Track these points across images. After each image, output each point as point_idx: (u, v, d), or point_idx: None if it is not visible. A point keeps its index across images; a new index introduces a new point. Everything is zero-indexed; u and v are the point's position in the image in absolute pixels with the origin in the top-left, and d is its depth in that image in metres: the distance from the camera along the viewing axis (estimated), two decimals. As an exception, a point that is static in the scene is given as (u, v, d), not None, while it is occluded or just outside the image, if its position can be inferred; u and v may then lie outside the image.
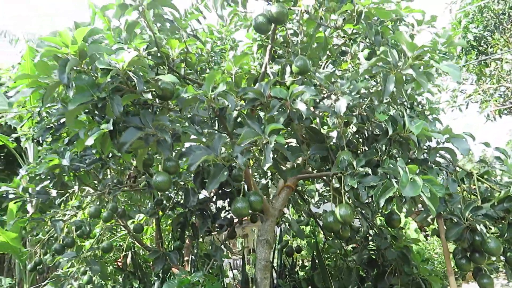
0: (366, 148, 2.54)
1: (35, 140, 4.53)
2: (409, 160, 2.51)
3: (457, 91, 11.40)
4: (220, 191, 3.41)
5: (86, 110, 2.31)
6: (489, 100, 9.79)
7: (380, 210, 3.13)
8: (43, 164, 3.22)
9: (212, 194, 3.74)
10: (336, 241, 4.24)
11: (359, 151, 2.60)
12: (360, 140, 2.60)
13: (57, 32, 1.93)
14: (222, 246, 3.46)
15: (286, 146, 2.55)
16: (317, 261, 4.22)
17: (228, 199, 3.43)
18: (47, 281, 6.01)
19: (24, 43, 6.71)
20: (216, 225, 3.43)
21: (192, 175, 3.23)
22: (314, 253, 4.40)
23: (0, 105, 7.00)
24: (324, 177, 3.05)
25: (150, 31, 2.18)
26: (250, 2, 2.75)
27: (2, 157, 9.52)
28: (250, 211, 2.21)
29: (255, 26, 2.31)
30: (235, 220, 3.79)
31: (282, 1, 2.38)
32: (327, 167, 2.66)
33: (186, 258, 4.58)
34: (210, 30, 4.95)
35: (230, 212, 3.81)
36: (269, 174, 4.47)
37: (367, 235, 3.80)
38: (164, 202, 3.73)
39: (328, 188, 4.75)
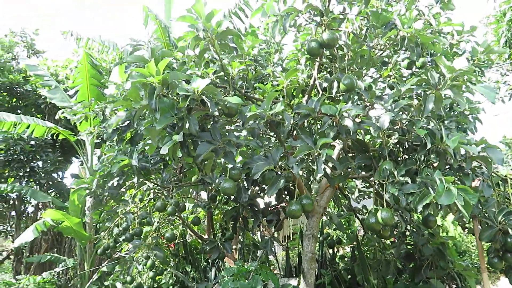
0: (406, 157, 2.82)
1: (100, 138, 5.09)
2: (447, 167, 2.76)
3: (500, 82, 11.18)
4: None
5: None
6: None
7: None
8: (115, 164, 3.68)
9: (259, 191, 4.13)
10: (375, 235, 4.53)
11: (399, 159, 2.88)
12: (401, 150, 2.87)
13: (146, 65, 2.32)
14: (271, 238, 3.83)
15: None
16: (356, 253, 4.53)
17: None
18: (107, 263, 6.68)
19: (84, 42, 7.29)
20: (266, 219, 3.80)
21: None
22: (354, 245, 4.71)
23: (61, 101, 7.65)
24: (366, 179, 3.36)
25: (217, 57, 2.54)
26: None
27: (58, 146, 10.28)
28: (302, 213, 2.56)
29: (308, 49, 2.63)
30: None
31: (332, 26, 2.67)
32: (370, 172, 2.95)
33: (234, 247, 5.03)
34: (255, 33, 5.27)
35: (276, 207, 4.19)
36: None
37: (405, 231, 4.06)
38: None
39: (367, 185, 5.03)
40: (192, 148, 2.79)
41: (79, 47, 7.60)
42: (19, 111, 9.41)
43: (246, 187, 3.79)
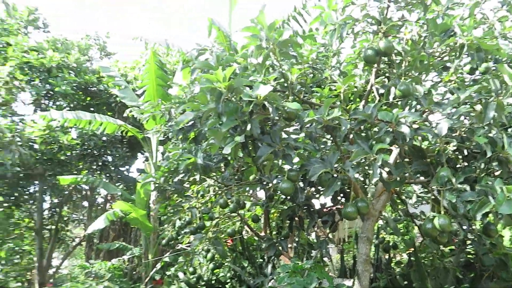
0: (465, 164, 2.79)
1: (165, 136, 5.47)
2: (510, 176, 2.70)
3: None
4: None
5: (220, 123, 2.93)
6: None
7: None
8: (182, 162, 3.96)
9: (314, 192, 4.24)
10: (432, 242, 4.45)
11: (458, 166, 2.86)
12: (460, 156, 2.85)
13: (213, 72, 2.53)
14: (326, 239, 3.93)
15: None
16: (413, 259, 4.48)
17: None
18: (169, 254, 7.10)
19: (150, 46, 7.81)
20: (321, 220, 3.91)
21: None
22: (411, 252, 4.66)
23: (131, 100, 8.21)
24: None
25: (278, 65, 2.70)
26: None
27: (126, 142, 10.98)
28: (357, 215, 2.65)
29: (364, 57, 2.70)
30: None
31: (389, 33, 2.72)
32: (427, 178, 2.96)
33: (289, 246, 5.17)
34: (313, 37, 5.34)
35: (331, 208, 4.28)
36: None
37: (465, 239, 3.97)
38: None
39: (426, 190, 4.94)
40: (252, 149, 2.98)
41: (146, 49, 8.16)
42: (92, 109, 10.24)
43: (303, 188, 3.93)
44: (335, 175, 2.56)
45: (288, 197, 4.40)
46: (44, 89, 8.55)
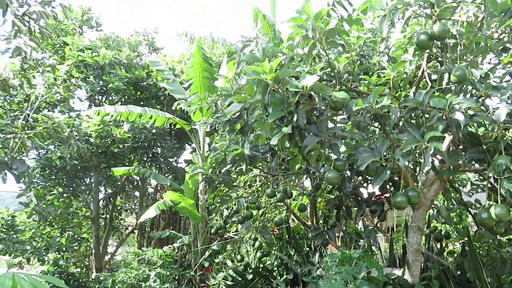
0: (526, 151, 2.65)
1: (212, 127, 5.54)
2: None
3: None
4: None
5: (268, 113, 2.95)
6: None
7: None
8: (230, 153, 4.05)
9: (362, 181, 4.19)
10: (488, 232, 4.26)
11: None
12: (519, 143, 2.71)
13: (260, 64, 2.56)
14: (375, 228, 3.89)
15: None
16: (467, 249, 4.32)
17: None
18: (217, 242, 7.29)
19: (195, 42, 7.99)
20: (370, 209, 3.86)
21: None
22: (465, 241, 4.50)
23: (178, 93, 8.44)
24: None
25: (325, 54, 2.68)
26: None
27: (173, 134, 11.30)
28: (407, 204, 2.60)
29: (417, 42, 2.62)
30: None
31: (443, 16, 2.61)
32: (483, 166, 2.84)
33: (337, 235, 5.15)
34: (360, 21, 5.22)
35: (379, 197, 4.22)
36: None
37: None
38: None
39: (481, 178, 4.73)
40: (299, 139, 2.99)
41: (192, 44, 8.34)
42: (141, 103, 10.63)
43: (350, 177, 3.90)
44: (384, 164, 2.53)
45: (335, 187, 4.38)
46: (98, 86, 8.99)
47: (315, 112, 2.90)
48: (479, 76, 2.71)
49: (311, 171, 4.23)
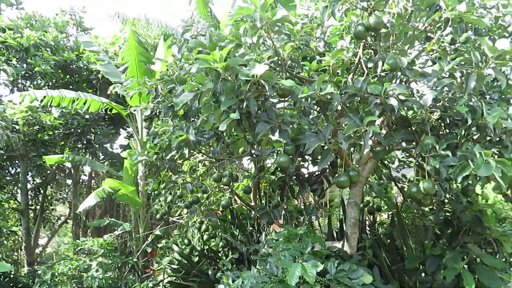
0: (447, 131, 3.01)
1: (152, 112, 5.51)
2: (487, 140, 2.94)
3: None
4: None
5: (214, 100, 3.03)
6: None
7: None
8: (175, 139, 4.05)
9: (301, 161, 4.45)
10: (414, 203, 4.75)
11: (440, 133, 3.07)
12: (442, 124, 3.06)
13: (211, 52, 2.61)
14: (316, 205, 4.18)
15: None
16: (396, 219, 4.79)
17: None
18: (159, 227, 7.26)
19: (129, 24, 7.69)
20: (311, 188, 4.13)
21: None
22: (393, 212, 4.97)
23: (114, 76, 8.11)
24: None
25: (271, 42, 2.80)
26: None
27: (108, 119, 10.82)
28: (349, 183, 2.85)
29: (354, 33, 2.83)
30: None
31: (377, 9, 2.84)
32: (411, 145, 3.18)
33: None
34: (295, 7, 5.37)
35: (319, 176, 4.51)
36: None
37: (444, 199, 4.26)
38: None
39: (407, 155, 5.21)
40: (246, 124, 3.10)
41: (125, 26, 8.02)
42: (71, 87, 10.05)
43: (293, 159, 4.12)
44: (326, 147, 2.74)
45: (278, 168, 4.59)
46: (22, 69, 8.32)
47: (260, 98, 3.02)
48: (406, 63, 3.01)
49: (256, 154, 4.39)
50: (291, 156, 3.46)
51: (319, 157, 2.91)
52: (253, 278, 2.77)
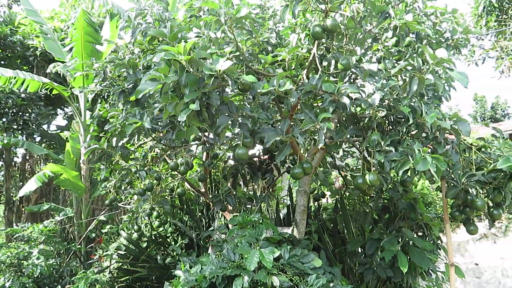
0: (390, 128, 3.31)
1: (101, 96, 5.34)
2: (424, 137, 3.27)
3: (476, 46, 11.72)
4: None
5: (172, 89, 3.07)
6: (504, 58, 10.22)
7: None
8: (129, 126, 4.01)
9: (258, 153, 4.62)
10: (355, 190, 5.12)
11: (385, 128, 3.37)
12: (386, 122, 3.36)
13: (176, 45, 2.63)
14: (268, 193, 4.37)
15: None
16: (339, 206, 5.14)
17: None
18: (104, 213, 7.12)
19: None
20: (265, 176, 4.32)
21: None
22: (337, 199, 5.32)
23: (56, 52, 7.69)
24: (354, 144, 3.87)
25: (232, 36, 2.88)
26: None
27: (44, 98, 10.19)
28: (303, 175, 3.04)
29: (312, 33, 2.99)
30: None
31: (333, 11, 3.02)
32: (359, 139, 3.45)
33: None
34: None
35: (269, 165, 4.71)
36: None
37: (382, 187, 4.65)
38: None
39: (351, 146, 5.56)
40: (205, 115, 3.18)
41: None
42: (2, 62, 9.34)
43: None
44: (285, 141, 2.90)
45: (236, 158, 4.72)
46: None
47: (217, 90, 3.10)
48: (355, 61, 3.24)
49: (210, 142, 4.47)
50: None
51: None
52: (211, 264, 2.89)
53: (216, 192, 4.53)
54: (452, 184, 3.37)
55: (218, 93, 3.04)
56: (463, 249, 10.42)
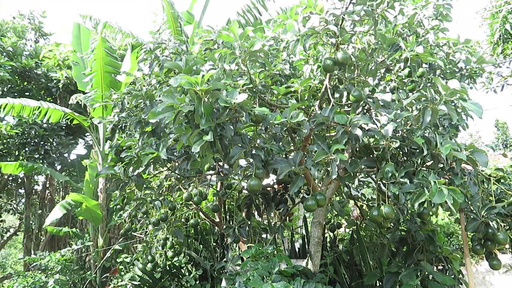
0: (405, 159, 3.27)
1: (119, 127, 5.48)
2: (439, 168, 3.22)
3: (493, 74, 11.63)
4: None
5: (187, 120, 3.12)
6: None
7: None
8: (145, 157, 4.07)
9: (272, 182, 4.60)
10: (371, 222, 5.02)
11: (399, 159, 3.33)
12: (401, 153, 3.32)
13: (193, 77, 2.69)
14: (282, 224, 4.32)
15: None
16: (355, 237, 5.04)
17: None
18: (119, 242, 7.13)
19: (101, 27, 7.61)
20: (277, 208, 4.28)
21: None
22: (353, 230, 5.22)
23: (79, 81, 7.95)
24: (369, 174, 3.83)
25: (246, 69, 2.94)
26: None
27: (65, 128, 10.49)
28: (317, 207, 3.01)
29: (324, 66, 3.03)
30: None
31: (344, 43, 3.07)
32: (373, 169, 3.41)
33: (244, 230, 5.46)
34: (262, 29, 5.57)
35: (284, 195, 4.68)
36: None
37: (399, 219, 4.55)
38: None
39: (366, 176, 5.50)
40: (219, 146, 3.21)
41: (96, 31, 7.91)
42: (27, 94, 9.69)
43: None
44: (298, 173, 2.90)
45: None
46: (-22, 76, 7.96)
47: (228, 121, 3.14)
48: (368, 92, 3.25)
49: (223, 172, 4.49)
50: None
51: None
52: (223, 298, 2.84)
53: (230, 223, 4.50)
54: (471, 217, 3.27)
55: (231, 124, 3.10)
56: (488, 282, 9.99)
